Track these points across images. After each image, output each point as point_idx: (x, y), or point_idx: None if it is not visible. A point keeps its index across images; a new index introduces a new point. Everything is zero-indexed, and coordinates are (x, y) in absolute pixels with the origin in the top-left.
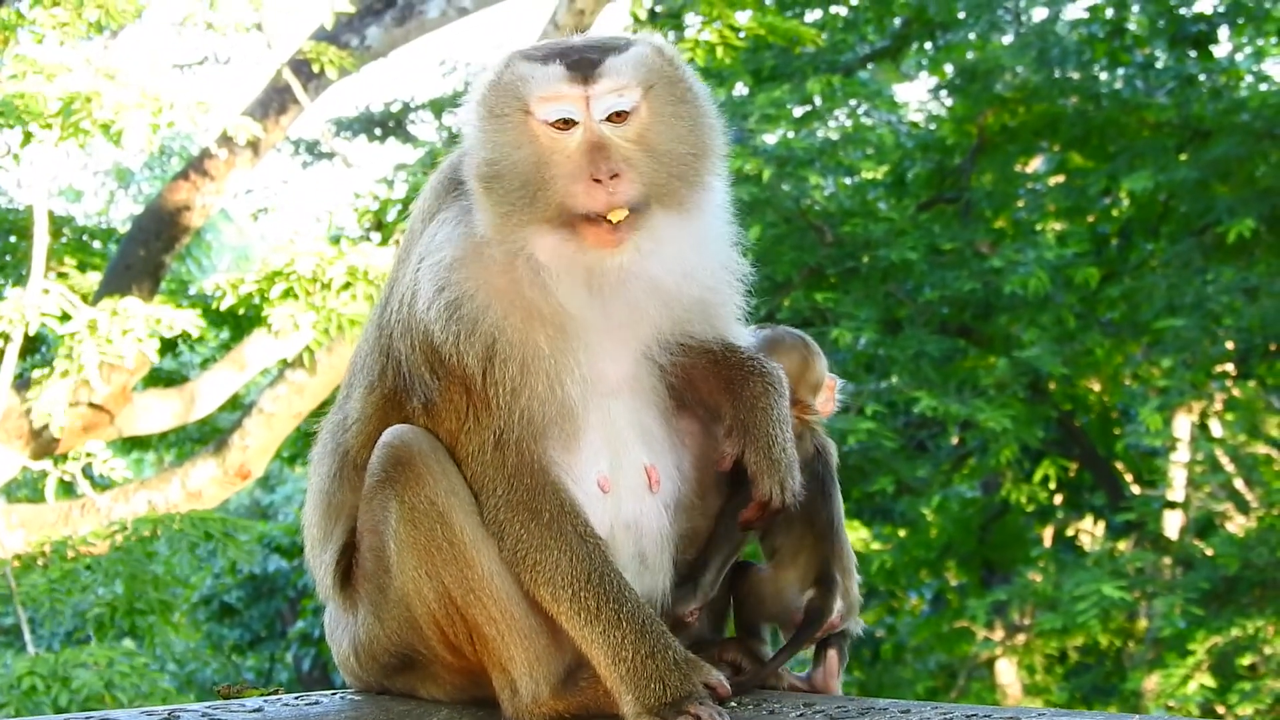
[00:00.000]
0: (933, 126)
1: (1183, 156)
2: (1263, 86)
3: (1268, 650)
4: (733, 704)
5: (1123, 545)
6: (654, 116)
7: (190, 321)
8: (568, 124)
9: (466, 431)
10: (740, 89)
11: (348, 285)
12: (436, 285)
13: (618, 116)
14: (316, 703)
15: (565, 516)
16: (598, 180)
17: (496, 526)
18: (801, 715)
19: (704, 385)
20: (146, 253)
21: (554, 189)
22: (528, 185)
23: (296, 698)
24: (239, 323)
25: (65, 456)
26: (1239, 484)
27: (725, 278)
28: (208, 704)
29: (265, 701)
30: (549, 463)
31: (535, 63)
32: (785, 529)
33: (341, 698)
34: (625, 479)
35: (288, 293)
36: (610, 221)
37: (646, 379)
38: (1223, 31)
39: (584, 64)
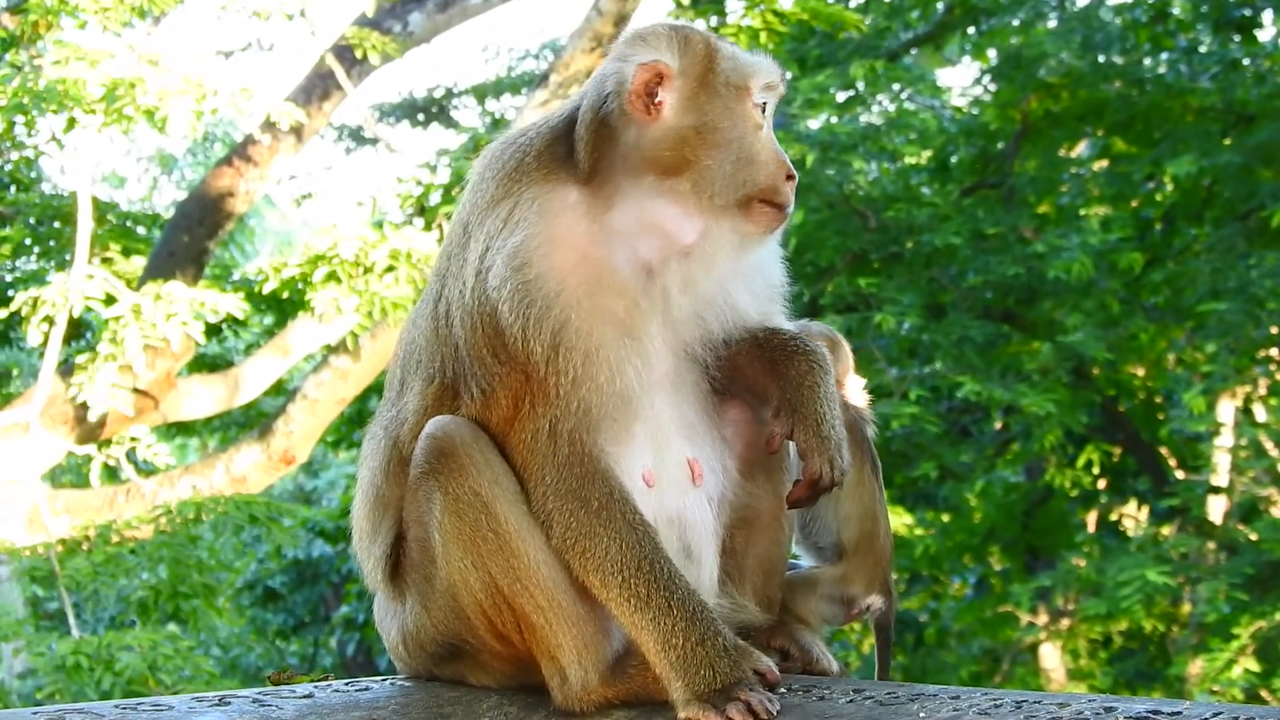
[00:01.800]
0: (976, 112)
1: (1226, 141)
2: None
3: None
4: (782, 690)
5: (1166, 530)
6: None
7: (234, 304)
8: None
9: (521, 418)
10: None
11: (391, 269)
12: (511, 267)
13: None
14: (367, 689)
15: (614, 504)
16: (790, 177)
17: (545, 514)
18: (851, 701)
19: (749, 370)
20: (190, 238)
21: (758, 170)
22: (736, 161)
23: (347, 684)
24: (282, 308)
25: (109, 442)
26: None
27: (773, 294)
28: (258, 690)
29: (316, 688)
30: (599, 453)
31: (739, 49)
32: (855, 524)
33: (392, 684)
34: (668, 472)
35: (331, 276)
36: (782, 213)
37: (688, 374)
38: (1267, 15)
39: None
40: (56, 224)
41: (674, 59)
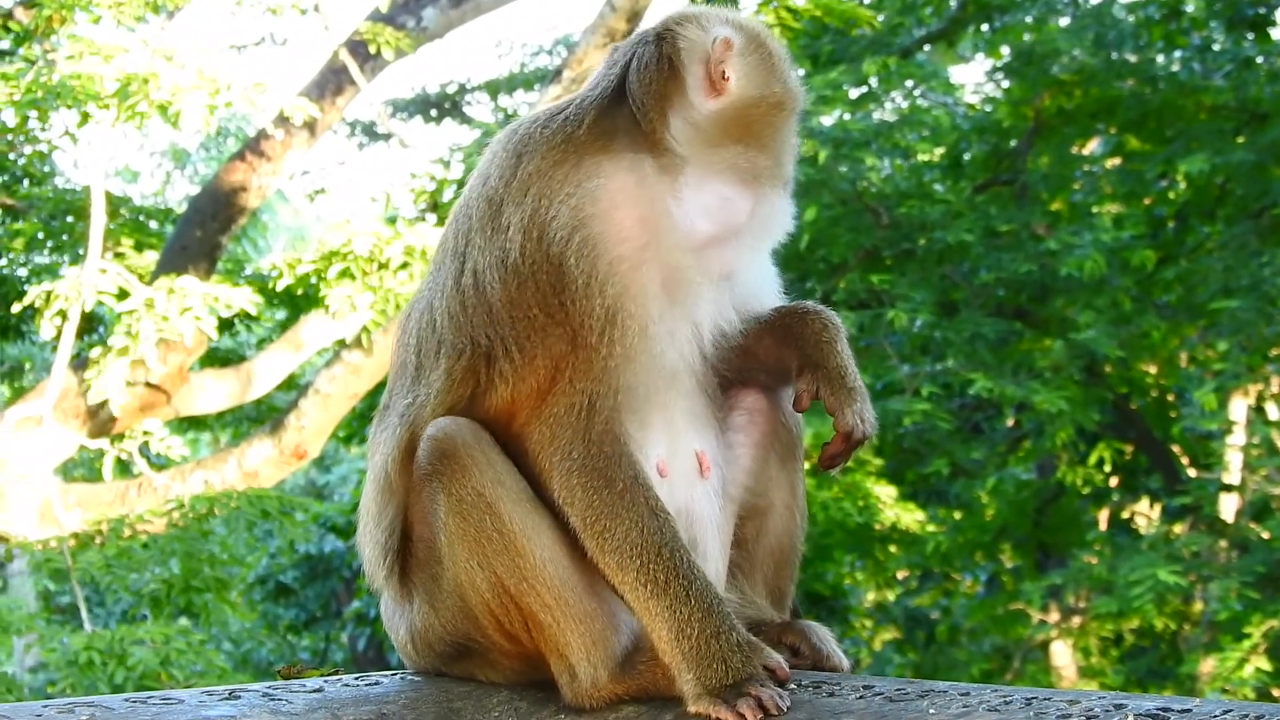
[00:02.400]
0: (989, 109)
1: (1240, 139)
2: None
3: None
4: (792, 686)
5: (1178, 528)
6: None
7: (247, 299)
8: None
9: (558, 391)
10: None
11: (405, 265)
12: (579, 217)
13: None
14: (377, 683)
15: (639, 488)
16: None
17: (568, 490)
18: (861, 698)
19: (759, 347)
20: (203, 233)
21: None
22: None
23: (357, 678)
24: (295, 303)
25: (122, 436)
26: None
27: (778, 287)
28: (268, 684)
29: (326, 682)
30: (626, 435)
31: None
32: None
33: (402, 678)
34: (679, 464)
35: (344, 273)
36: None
37: (700, 363)
38: None
39: None
40: (69, 218)
41: (736, 35)
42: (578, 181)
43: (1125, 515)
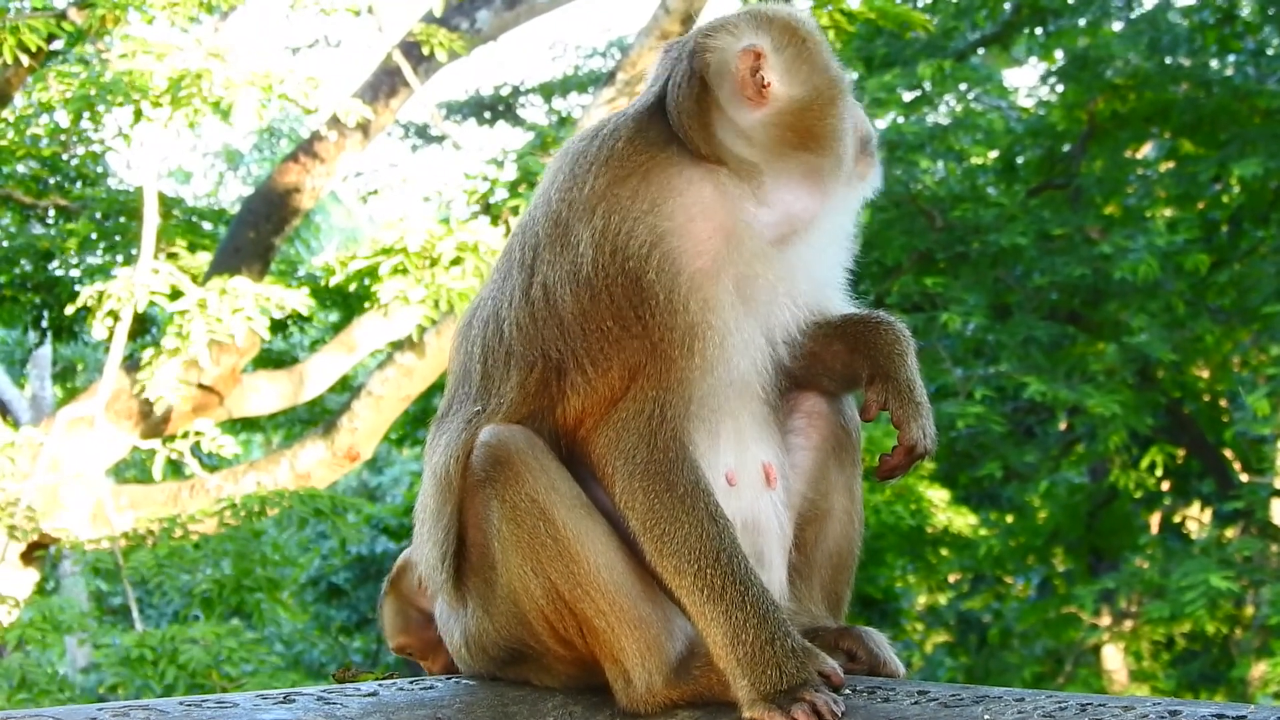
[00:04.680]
0: (1043, 112)
1: None
2: None
3: None
4: (846, 692)
5: (1230, 533)
6: None
7: (300, 300)
8: None
9: (631, 395)
10: (851, 74)
11: (457, 261)
12: (656, 233)
13: None
14: (431, 687)
15: (700, 494)
16: None
17: (629, 494)
18: (915, 703)
19: (827, 353)
20: (256, 234)
21: (865, 119)
22: (854, 113)
23: (411, 682)
24: (348, 304)
25: (174, 437)
26: None
27: (846, 289)
28: (323, 688)
29: (380, 685)
30: (691, 442)
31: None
32: None
33: (456, 683)
34: (747, 474)
35: (398, 269)
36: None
37: (771, 372)
38: None
39: None
40: (123, 219)
41: (765, 39)
42: (651, 197)
43: (1177, 519)
